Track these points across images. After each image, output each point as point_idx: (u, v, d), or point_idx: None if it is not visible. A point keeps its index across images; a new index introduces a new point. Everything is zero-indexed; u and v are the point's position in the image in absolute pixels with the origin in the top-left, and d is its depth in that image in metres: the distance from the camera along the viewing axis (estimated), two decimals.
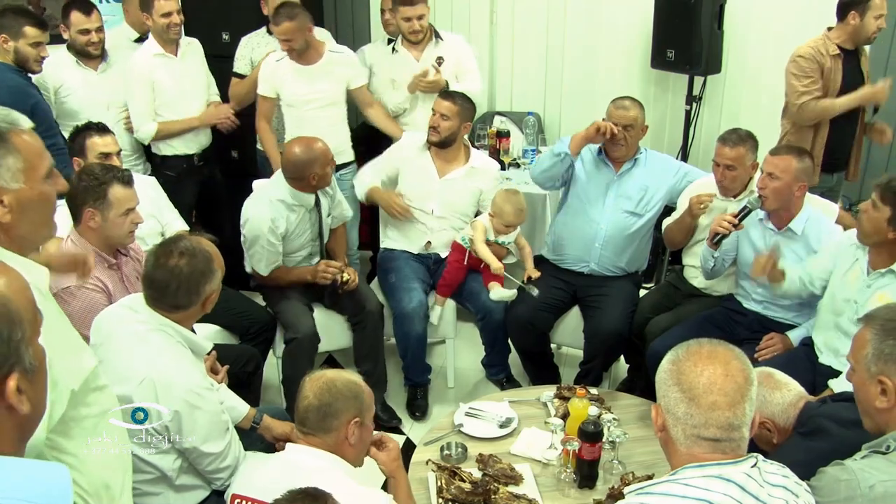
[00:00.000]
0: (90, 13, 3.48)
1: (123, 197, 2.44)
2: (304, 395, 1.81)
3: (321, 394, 1.79)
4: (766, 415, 2.01)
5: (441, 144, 3.32)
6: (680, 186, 3.21)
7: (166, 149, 3.68)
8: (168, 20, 3.49)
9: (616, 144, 3.12)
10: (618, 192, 3.20)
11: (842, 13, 3.51)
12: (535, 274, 3.26)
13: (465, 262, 3.31)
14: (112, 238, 2.47)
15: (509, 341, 3.36)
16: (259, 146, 3.78)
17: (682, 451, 1.43)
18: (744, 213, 2.79)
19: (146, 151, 3.82)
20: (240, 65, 3.77)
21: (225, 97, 3.85)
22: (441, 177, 3.37)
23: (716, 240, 2.82)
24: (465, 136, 3.44)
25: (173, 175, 3.69)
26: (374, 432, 1.96)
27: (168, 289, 1.97)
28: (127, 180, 2.48)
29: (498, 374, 3.52)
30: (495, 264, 3.18)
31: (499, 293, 3.19)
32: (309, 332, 3.07)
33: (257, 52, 3.71)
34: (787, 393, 2.02)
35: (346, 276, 3.15)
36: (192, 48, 3.69)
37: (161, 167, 3.73)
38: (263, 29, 3.75)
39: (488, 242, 3.24)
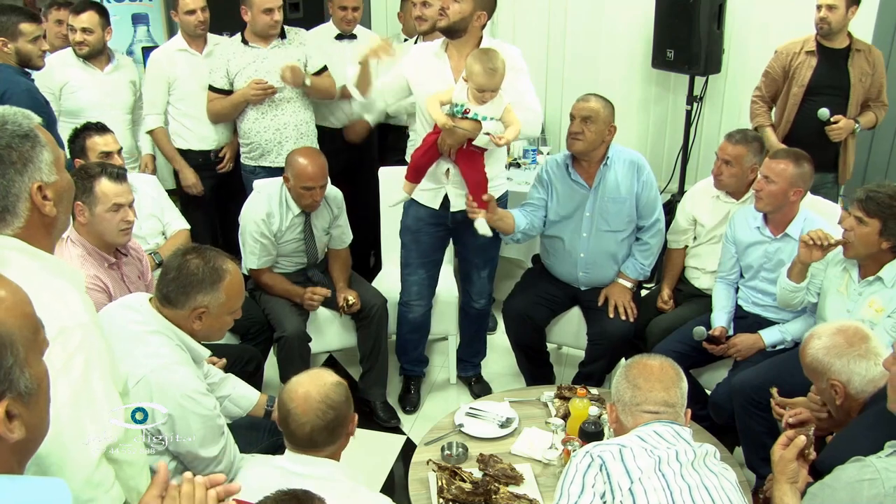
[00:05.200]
0: (79, 13, 3.47)
1: (111, 192, 2.42)
2: (301, 422, 1.70)
3: (323, 413, 1.72)
4: (843, 379, 1.95)
5: (449, 32, 2.80)
6: (642, 181, 3.06)
7: (180, 142, 3.69)
8: (193, 17, 3.50)
9: (573, 139, 2.96)
10: (594, 209, 3.06)
11: None
12: (500, 139, 2.71)
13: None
14: (103, 234, 2.45)
15: (505, 339, 3.35)
16: (244, 160, 3.66)
17: (629, 428, 1.82)
18: (710, 340, 2.84)
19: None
20: (215, 77, 3.53)
21: None
22: (456, 80, 2.82)
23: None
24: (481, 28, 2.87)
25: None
26: None
27: (167, 275, 1.99)
28: (117, 176, 2.46)
29: (467, 370, 3.52)
30: (441, 119, 2.70)
31: (482, 227, 2.87)
32: (296, 330, 3.06)
33: (234, 63, 3.49)
34: (874, 367, 1.93)
35: (350, 300, 3.15)
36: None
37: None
38: (238, 38, 3.53)
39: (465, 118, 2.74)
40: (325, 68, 3.63)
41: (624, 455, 1.71)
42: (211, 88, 3.57)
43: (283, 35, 3.53)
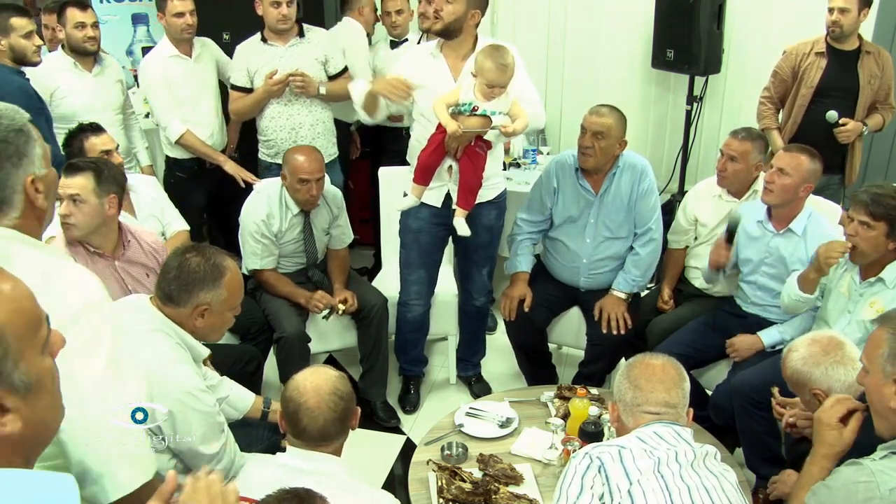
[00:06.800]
0: (85, 9, 3.47)
1: (60, 182, 2.38)
2: (314, 416, 1.71)
3: (335, 405, 1.73)
4: (823, 387, 1.96)
5: (444, 33, 2.85)
6: (642, 188, 3.05)
7: (178, 151, 3.68)
8: (181, 20, 3.46)
9: (584, 155, 2.95)
10: (598, 215, 3.06)
11: None
12: (508, 127, 2.73)
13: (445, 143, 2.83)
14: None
15: (505, 339, 3.35)
16: (261, 155, 3.68)
17: (630, 428, 1.80)
18: (730, 230, 2.81)
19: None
20: (236, 76, 3.56)
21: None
22: (455, 78, 2.87)
23: (717, 269, 2.84)
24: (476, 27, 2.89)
25: (185, 177, 3.71)
26: None
27: (168, 274, 2.00)
28: (69, 168, 2.44)
29: (467, 370, 3.52)
30: (452, 127, 2.71)
31: (462, 227, 2.92)
32: (296, 330, 3.06)
33: (254, 61, 3.50)
34: (852, 372, 1.93)
35: (341, 308, 3.15)
36: (205, 48, 3.68)
37: (173, 168, 3.74)
38: (258, 36, 3.53)
39: (473, 115, 2.74)
40: (345, 69, 3.62)
41: (623, 456, 1.70)
42: (233, 87, 3.58)
43: (301, 34, 3.52)
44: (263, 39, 3.50)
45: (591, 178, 3.06)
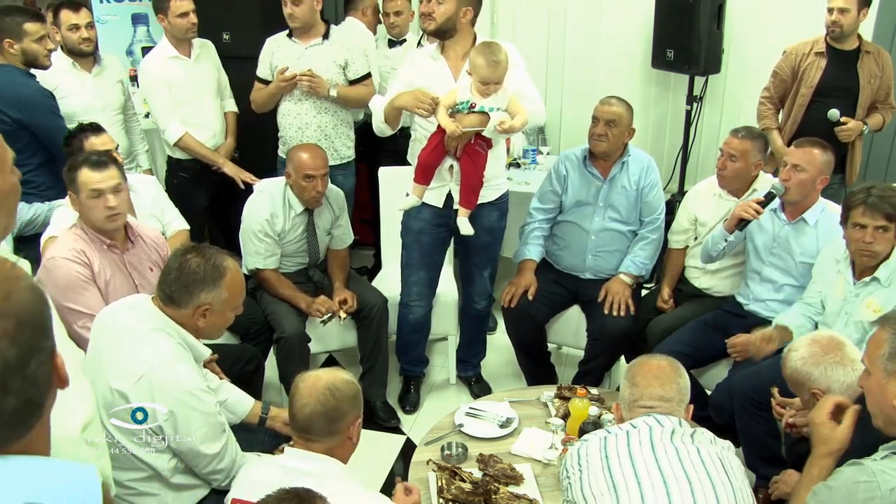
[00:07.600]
0: (78, 10, 3.46)
1: (90, 180, 2.41)
2: (303, 403, 1.75)
3: (325, 400, 1.75)
4: (822, 387, 1.97)
5: (439, 34, 2.89)
6: (649, 181, 3.15)
7: (180, 151, 3.68)
8: (186, 20, 3.47)
9: (597, 140, 3.04)
10: (607, 200, 3.14)
11: None
12: (506, 123, 2.75)
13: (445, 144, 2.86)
14: (91, 221, 2.45)
15: (505, 339, 3.36)
16: (280, 151, 3.67)
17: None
18: (769, 198, 2.79)
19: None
20: (260, 68, 3.57)
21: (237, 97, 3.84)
22: (456, 78, 2.89)
23: (740, 226, 2.83)
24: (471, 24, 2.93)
25: (188, 177, 3.71)
26: (404, 483, 2.02)
27: (168, 275, 2.00)
28: (96, 163, 2.46)
29: (467, 370, 3.52)
30: (451, 128, 2.74)
31: (465, 226, 2.95)
32: (295, 330, 3.06)
33: (277, 56, 3.50)
34: (851, 372, 1.95)
35: (343, 315, 3.14)
36: (205, 49, 3.68)
37: (176, 169, 3.75)
38: (287, 31, 3.52)
39: (471, 113, 2.77)
40: (367, 75, 3.60)
41: (580, 448, 1.81)
42: (256, 78, 3.59)
43: (327, 36, 3.51)
44: (290, 35, 3.52)
45: (600, 165, 3.12)
